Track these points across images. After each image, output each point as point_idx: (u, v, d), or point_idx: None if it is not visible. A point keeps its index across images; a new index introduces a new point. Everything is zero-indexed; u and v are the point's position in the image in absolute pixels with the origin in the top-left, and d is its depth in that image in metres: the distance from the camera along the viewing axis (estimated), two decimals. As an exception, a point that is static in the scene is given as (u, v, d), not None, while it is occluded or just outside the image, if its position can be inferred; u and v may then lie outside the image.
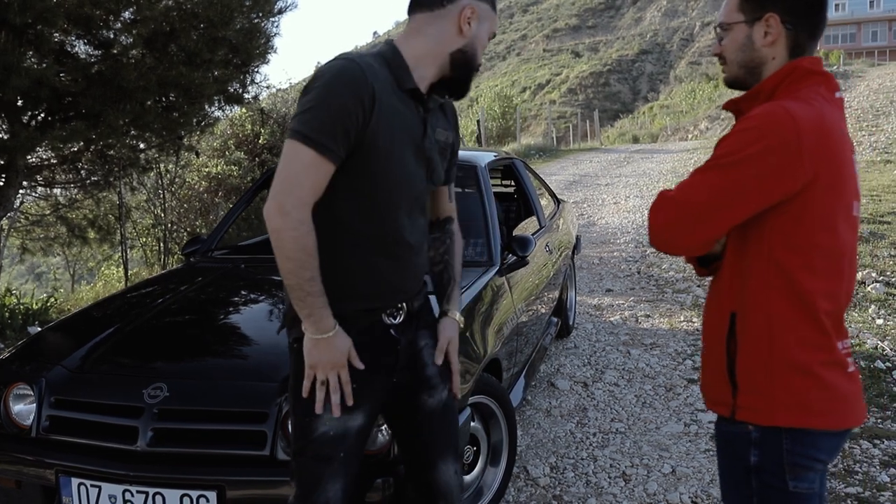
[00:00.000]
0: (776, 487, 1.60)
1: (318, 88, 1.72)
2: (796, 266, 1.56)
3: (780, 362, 1.57)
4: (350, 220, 1.82)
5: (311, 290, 1.73)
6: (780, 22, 1.63)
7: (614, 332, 5.53)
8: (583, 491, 3.28)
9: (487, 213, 3.69)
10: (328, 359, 1.77)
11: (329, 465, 1.84)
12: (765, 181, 1.52)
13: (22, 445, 2.48)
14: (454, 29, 1.85)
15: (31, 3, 5.12)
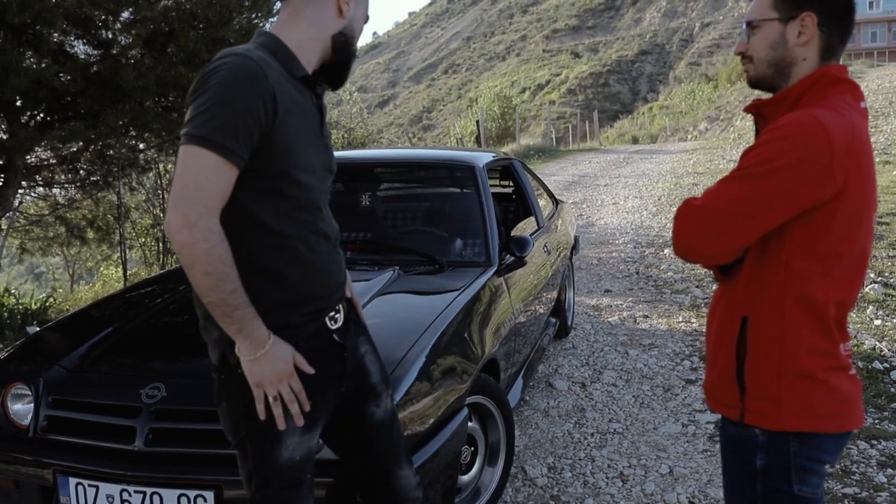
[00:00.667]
0: (782, 491, 1.62)
1: (214, 87, 1.58)
2: (815, 275, 1.57)
3: (790, 369, 1.59)
4: (272, 223, 1.69)
5: (237, 303, 1.60)
6: (815, 23, 1.61)
7: (612, 333, 5.53)
8: (580, 491, 3.28)
9: (485, 214, 3.70)
10: (272, 372, 1.66)
11: (300, 489, 1.77)
12: (795, 192, 1.50)
13: (20, 445, 2.48)
14: (334, 10, 1.77)
15: (30, 3, 5.13)
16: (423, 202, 4.57)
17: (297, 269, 1.75)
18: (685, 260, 1.67)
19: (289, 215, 1.71)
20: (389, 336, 2.69)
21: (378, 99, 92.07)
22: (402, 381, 2.38)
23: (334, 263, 1.86)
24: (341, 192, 4.65)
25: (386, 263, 3.46)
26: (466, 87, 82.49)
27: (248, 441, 1.74)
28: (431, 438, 2.44)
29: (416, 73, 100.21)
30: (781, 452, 1.61)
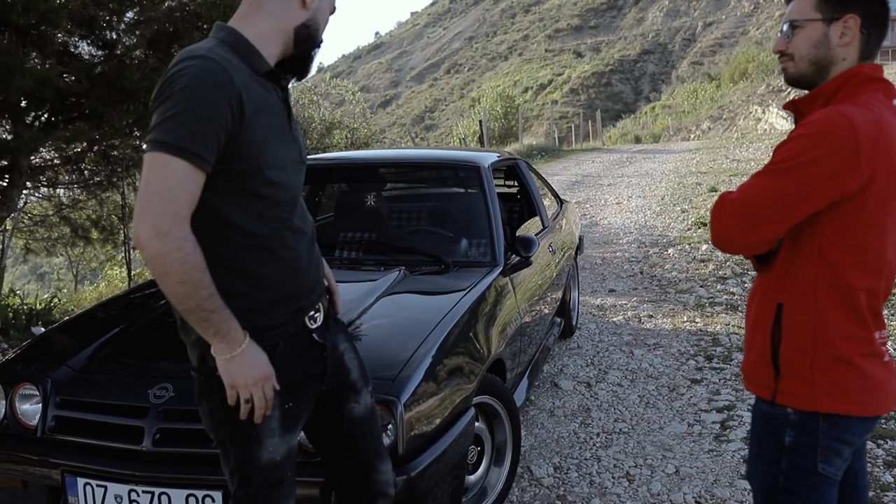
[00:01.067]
0: (805, 468, 1.71)
1: (179, 92, 1.55)
2: (846, 265, 1.66)
3: (823, 353, 1.68)
4: (247, 224, 1.68)
5: (213, 307, 1.59)
6: (858, 25, 1.69)
7: (617, 333, 5.53)
8: (586, 491, 3.28)
9: (491, 214, 3.70)
10: (248, 373, 1.65)
11: (280, 487, 1.78)
12: (823, 184, 1.60)
13: (28, 445, 2.48)
14: (297, 2, 1.73)
15: (34, 4, 5.14)
16: (429, 202, 4.57)
17: (276, 269, 1.74)
18: (723, 251, 1.79)
19: (263, 214, 1.70)
20: (396, 336, 2.70)
21: (380, 99, 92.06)
22: (409, 381, 2.38)
23: (312, 259, 1.85)
24: (347, 193, 4.66)
25: (392, 264, 3.46)
26: (469, 86, 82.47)
27: (228, 441, 1.75)
28: (438, 438, 2.44)
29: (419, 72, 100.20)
30: (810, 431, 1.70)
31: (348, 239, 4.08)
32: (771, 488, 1.78)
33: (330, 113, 13.76)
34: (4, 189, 6.61)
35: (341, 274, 3.59)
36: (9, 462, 2.50)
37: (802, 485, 1.73)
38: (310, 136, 12.21)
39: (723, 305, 6.05)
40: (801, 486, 1.73)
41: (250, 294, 1.71)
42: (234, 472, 1.77)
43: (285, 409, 1.77)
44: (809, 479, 1.72)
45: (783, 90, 26.78)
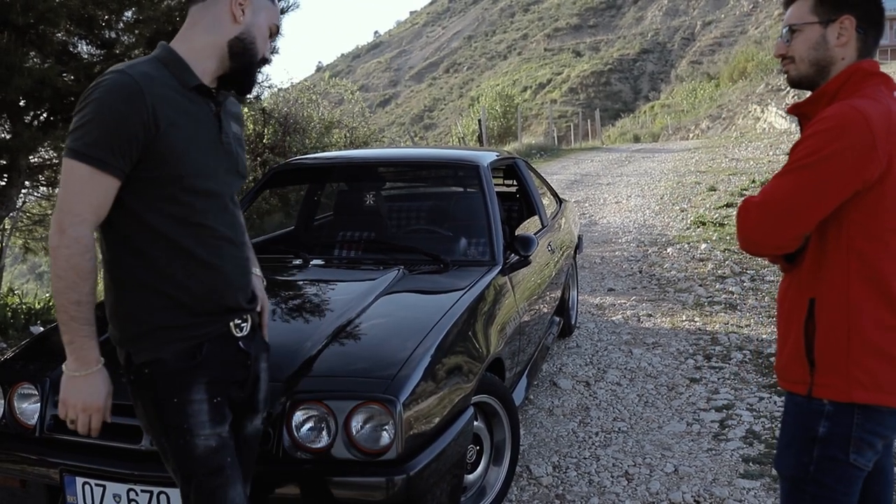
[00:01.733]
0: (837, 459, 1.74)
1: (92, 104, 1.68)
2: (874, 252, 1.70)
3: (858, 344, 1.71)
4: (168, 229, 1.77)
5: (76, 315, 1.69)
6: (854, 25, 1.75)
7: (616, 332, 5.53)
8: (585, 490, 3.28)
9: (490, 213, 3.70)
10: (81, 398, 1.74)
11: (222, 473, 1.84)
12: (845, 176, 1.64)
13: (26, 445, 2.48)
14: (228, 17, 1.81)
15: (33, 4, 5.13)
16: (428, 201, 4.57)
17: (196, 272, 1.81)
18: (752, 254, 1.82)
19: (184, 220, 1.78)
20: (395, 335, 2.70)
21: (379, 98, 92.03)
22: (408, 380, 2.38)
23: (237, 267, 1.92)
24: (346, 192, 4.66)
25: (390, 263, 3.46)
26: (468, 85, 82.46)
27: (163, 437, 1.83)
28: (437, 437, 2.44)
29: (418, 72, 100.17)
30: (845, 423, 1.73)
31: (347, 238, 4.08)
32: (800, 477, 1.80)
33: (329, 112, 13.74)
34: (3, 188, 6.61)
35: (340, 273, 3.59)
36: (7, 461, 2.50)
37: (832, 476, 1.76)
38: (308, 136, 12.20)
39: (722, 305, 6.05)
40: (830, 476, 1.76)
41: (172, 294, 1.79)
42: (177, 469, 1.84)
43: (213, 402, 1.84)
44: (840, 470, 1.75)
45: (782, 89, 26.81)
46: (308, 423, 2.32)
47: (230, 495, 1.85)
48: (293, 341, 2.58)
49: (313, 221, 4.75)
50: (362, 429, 2.29)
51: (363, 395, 2.31)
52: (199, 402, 1.81)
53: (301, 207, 4.91)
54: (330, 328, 2.69)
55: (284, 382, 2.38)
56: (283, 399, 2.33)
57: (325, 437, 2.30)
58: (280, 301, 3.12)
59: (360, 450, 2.28)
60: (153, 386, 1.80)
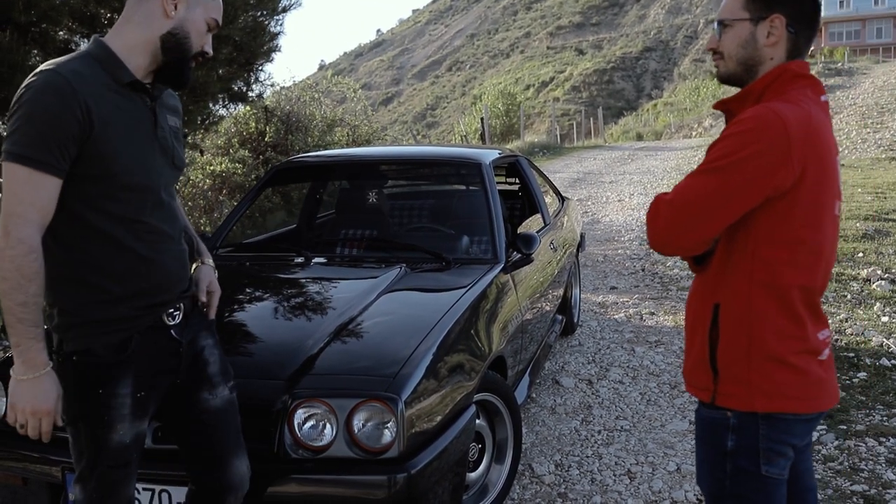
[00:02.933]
0: (750, 472, 1.71)
1: (24, 105, 1.69)
2: (780, 261, 1.66)
3: (759, 352, 1.67)
4: (106, 226, 1.79)
5: (22, 317, 1.68)
6: (784, 24, 1.70)
7: (619, 330, 5.52)
8: (588, 488, 3.27)
9: (492, 211, 3.69)
10: (29, 402, 1.73)
11: (126, 469, 1.88)
12: (757, 181, 1.60)
13: (28, 443, 2.46)
14: (160, 12, 1.82)
15: (35, 2, 5.13)
16: (430, 199, 4.57)
17: (130, 266, 1.84)
18: (661, 253, 1.77)
19: (119, 215, 1.81)
20: (397, 333, 2.69)
21: (382, 96, 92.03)
22: (410, 378, 2.37)
23: (174, 260, 1.94)
24: (348, 190, 4.66)
25: (393, 261, 3.46)
26: (470, 84, 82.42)
27: (81, 422, 1.85)
28: (439, 436, 2.43)
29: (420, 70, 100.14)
30: (751, 434, 1.69)
31: (350, 236, 4.08)
32: (719, 493, 1.77)
33: (331, 110, 13.74)
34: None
35: (342, 271, 3.59)
36: (10, 459, 2.49)
37: (748, 488, 1.72)
38: (311, 134, 12.20)
39: (724, 303, 6.02)
40: (747, 489, 1.72)
41: (105, 287, 1.81)
42: (84, 452, 1.86)
43: (137, 397, 1.86)
44: (755, 482, 1.71)
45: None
46: (310, 422, 2.31)
47: (127, 488, 1.90)
48: (295, 339, 2.58)
49: (315, 219, 4.74)
50: (364, 427, 2.29)
51: (365, 393, 2.31)
52: (124, 395, 1.84)
53: (303, 205, 4.91)
54: (332, 326, 2.68)
55: (286, 380, 2.37)
56: (285, 397, 2.33)
57: (326, 436, 2.30)
58: (282, 299, 3.12)
59: (362, 448, 2.27)
60: (80, 375, 1.82)
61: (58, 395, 1.77)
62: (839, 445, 3.51)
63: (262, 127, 11.73)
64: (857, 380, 4.25)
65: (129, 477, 1.91)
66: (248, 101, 7.88)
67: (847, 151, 14.42)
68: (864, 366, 4.41)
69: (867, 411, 3.86)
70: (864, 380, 4.25)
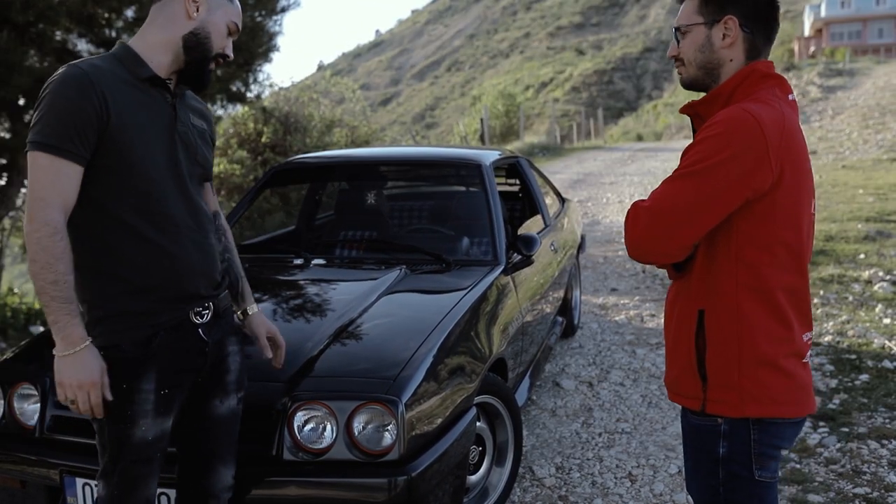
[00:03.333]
0: (743, 477, 1.70)
1: (46, 97, 1.78)
2: (763, 263, 1.65)
3: (749, 356, 1.66)
4: (123, 215, 1.85)
5: (55, 295, 1.74)
6: (738, 25, 1.70)
7: (619, 332, 5.51)
8: (589, 491, 3.26)
9: (492, 212, 3.67)
10: (74, 376, 1.77)
11: (149, 465, 1.92)
12: (736, 184, 1.58)
13: (26, 445, 2.47)
14: (182, 13, 1.91)
15: (33, 2, 5.12)
16: (430, 201, 4.55)
17: (152, 257, 1.88)
18: (640, 262, 1.74)
19: (144, 208, 1.86)
20: (397, 335, 2.68)
21: (381, 97, 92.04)
22: (410, 380, 2.36)
23: (199, 252, 1.97)
24: (347, 191, 4.64)
25: (392, 262, 3.44)
26: (470, 84, 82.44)
27: (104, 419, 1.87)
28: (440, 438, 2.42)
29: (420, 70, 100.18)
30: (742, 440, 1.69)
31: (349, 237, 4.06)
32: (713, 501, 1.76)
33: (330, 111, 13.72)
34: (2, 188, 6.60)
35: (342, 272, 3.57)
36: (7, 462, 2.48)
37: (743, 493, 1.72)
38: (309, 135, 12.19)
39: (725, 304, 6.01)
40: (741, 494, 1.72)
41: (127, 277, 1.86)
42: (107, 446, 1.90)
43: (161, 394, 1.90)
44: (748, 487, 1.71)
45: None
46: (309, 424, 2.30)
47: (150, 485, 1.93)
48: (295, 341, 2.56)
49: (315, 221, 4.73)
50: (364, 429, 2.27)
51: (365, 395, 2.29)
52: (147, 391, 1.87)
53: (302, 207, 4.89)
54: (331, 328, 2.67)
55: (286, 383, 2.36)
56: (285, 399, 2.31)
57: (326, 438, 2.28)
58: (281, 301, 3.10)
59: (362, 450, 2.26)
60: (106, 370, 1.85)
61: (101, 368, 1.81)
62: (841, 448, 3.50)
63: (261, 127, 11.71)
64: (859, 382, 4.24)
65: (151, 475, 1.93)
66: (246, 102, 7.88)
67: (848, 152, 14.42)
68: (865, 368, 4.40)
69: (869, 413, 3.85)
70: (866, 382, 4.23)
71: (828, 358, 4.62)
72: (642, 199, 1.71)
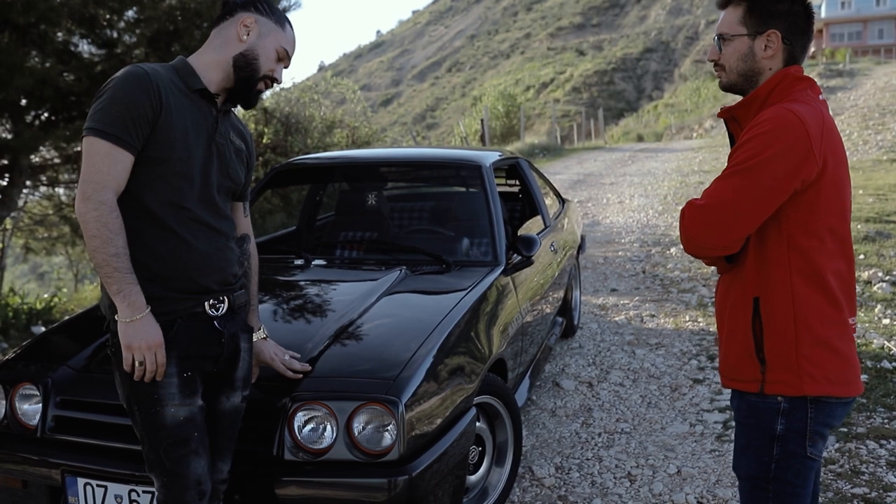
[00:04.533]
0: (797, 454, 1.82)
1: (107, 91, 1.92)
2: (813, 248, 1.76)
3: (806, 338, 1.77)
4: (155, 207, 1.97)
5: (118, 266, 1.88)
6: (780, 38, 1.82)
7: (619, 332, 5.52)
8: (588, 491, 3.27)
9: (492, 213, 3.68)
10: (144, 338, 1.90)
11: (187, 445, 2.00)
12: (785, 178, 1.70)
13: (28, 445, 2.48)
14: (234, 36, 2.07)
15: (34, 3, 5.13)
16: (430, 201, 4.56)
17: (170, 247, 1.99)
18: (696, 256, 1.87)
19: (171, 201, 1.98)
20: (397, 336, 2.69)
21: (381, 97, 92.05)
22: (410, 381, 2.37)
23: (217, 251, 2.08)
24: (348, 192, 4.65)
25: (393, 263, 3.45)
26: (470, 85, 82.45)
27: (135, 405, 1.99)
28: (439, 438, 2.43)
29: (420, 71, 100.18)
30: (799, 417, 1.80)
31: (349, 238, 4.07)
32: (761, 477, 1.85)
33: (331, 112, 13.73)
34: (4, 188, 6.61)
35: (342, 273, 3.58)
36: (9, 462, 2.49)
37: (792, 471, 1.82)
38: (310, 135, 12.20)
39: (725, 304, 6.01)
40: (791, 472, 1.82)
41: (147, 263, 1.97)
42: (144, 435, 2.00)
43: (184, 377, 2.01)
44: (799, 464, 1.82)
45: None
46: (310, 424, 2.31)
47: (193, 465, 2.00)
48: (295, 342, 2.57)
49: (315, 221, 4.74)
50: (364, 430, 2.28)
51: (365, 395, 2.30)
52: (170, 374, 1.98)
53: (303, 207, 4.90)
54: (332, 329, 2.68)
55: (286, 383, 2.37)
56: (285, 399, 2.32)
57: (326, 438, 2.29)
58: (281, 301, 3.11)
59: (362, 451, 2.27)
60: None
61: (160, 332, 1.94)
62: (840, 448, 3.50)
63: (262, 128, 11.72)
64: (858, 382, 4.24)
65: (193, 454, 2.00)
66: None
67: (848, 153, 14.34)
68: (864, 368, 4.41)
69: (868, 414, 3.85)
70: (865, 382, 4.24)
71: (827, 358, 4.63)
72: (696, 197, 1.82)
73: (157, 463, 2.00)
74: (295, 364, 2.40)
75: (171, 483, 1.99)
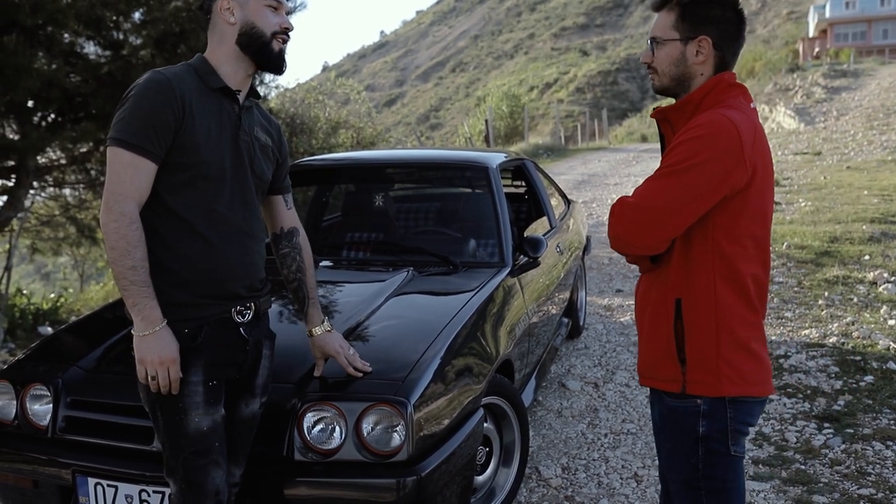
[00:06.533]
0: (721, 453, 1.86)
1: (130, 100, 1.92)
2: (736, 255, 1.80)
3: (726, 340, 1.81)
4: (183, 212, 1.97)
5: (134, 279, 1.88)
6: (711, 45, 1.84)
7: (625, 333, 5.52)
8: (595, 492, 3.28)
9: (499, 214, 3.69)
10: (156, 353, 1.90)
11: (209, 455, 2.00)
12: (716, 182, 1.73)
13: (38, 446, 2.49)
14: (224, 24, 2.05)
15: (42, 5, 5.15)
16: (437, 203, 4.57)
17: (199, 251, 1.99)
18: (622, 253, 1.89)
19: (199, 205, 1.99)
20: (405, 338, 2.70)
21: (385, 98, 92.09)
22: (418, 382, 2.38)
23: (245, 255, 2.08)
24: (354, 193, 4.66)
25: (400, 264, 3.46)
26: (474, 85, 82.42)
27: (158, 412, 1.99)
28: (447, 439, 2.44)
29: (424, 71, 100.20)
30: (720, 418, 1.84)
31: (356, 239, 4.08)
32: (692, 477, 1.89)
33: (335, 112, 13.75)
34: (11, 189, 6.63)
35: (349, 274, 3.59)
36: (20, 462, 2.51)
37: (720, 468, 1.86)
38: (315, 136, 12.22)
39: (730, 305, 6.01)
40: (719, 470, 1.86)
41: (175, 269, 1.98)
42: (166, 442, 2.00)
43: (209, 385, 2.00)
44: (725, 462, 1.86)
45: (790, 89, 26.71)
46: (319, 425, 2.32)
47: (212, 475, 2.00)
48: (303, 343, 2.58)
49: (322, 223, 4.75)
50: (373, 430, 2.30)
51: (374, 396, 2.31)
52: (196, 383, 1.98)
53: (309, 209, 4.91)
54: (340, 330, 2.69)
55: (295, 384, 2.38)
56: (295, 400, 2.33)
57: (335, 439, 2.30)
58: (289, 303, 3.12)
59: (371, 451, 2.28)
60: None
61: (177, 347, 1.93)
62: (846, 449, 3.51)
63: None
64: (864, 383, 4.25)
65: (213, 465, 2.01)
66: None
67: (853, 153, 14.41)
68: (870, 369, 4.41)
69: (874, 415, 3.86)
70: (871, 383, 4.24)
71: (832, 359, 4.63)
72: (627, 195, 1.84)
73: (176, 470, 2.00)
74: (357, 362, 2.38)
75: (188, 490, 2.00)
